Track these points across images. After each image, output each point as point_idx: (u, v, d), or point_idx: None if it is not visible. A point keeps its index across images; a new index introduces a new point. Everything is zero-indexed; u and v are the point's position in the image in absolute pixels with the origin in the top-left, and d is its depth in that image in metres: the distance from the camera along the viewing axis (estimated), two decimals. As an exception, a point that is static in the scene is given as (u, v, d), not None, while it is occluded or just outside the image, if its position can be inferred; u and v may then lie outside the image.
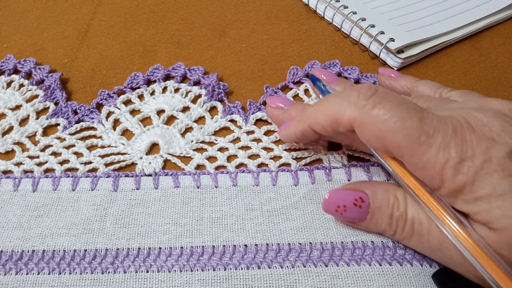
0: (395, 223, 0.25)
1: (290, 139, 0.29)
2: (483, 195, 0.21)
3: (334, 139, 0.31)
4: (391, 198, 0.25)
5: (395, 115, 0.22)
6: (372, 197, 0.25)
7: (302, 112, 0.28)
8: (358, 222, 0.26)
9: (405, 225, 0.24)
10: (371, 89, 0.24)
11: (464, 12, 0.41)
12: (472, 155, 0.21)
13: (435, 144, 0.22)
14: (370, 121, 0.23)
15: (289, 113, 0.30)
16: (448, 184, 0.22)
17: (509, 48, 0.40)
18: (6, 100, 0.34)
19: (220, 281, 0.25)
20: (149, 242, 0.26)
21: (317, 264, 0.25)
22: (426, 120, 0.22)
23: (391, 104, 0.23)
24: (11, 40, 0.40)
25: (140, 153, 0.31)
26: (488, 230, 0.21)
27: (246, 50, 0.40)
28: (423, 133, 0.22)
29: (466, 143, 0.22)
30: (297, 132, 0.28)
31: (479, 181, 0.21)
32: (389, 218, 0.25)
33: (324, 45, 0.40)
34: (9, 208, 0.28)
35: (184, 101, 0.34)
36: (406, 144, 0.22)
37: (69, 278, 0.25)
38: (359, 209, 0.25)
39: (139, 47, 0.40)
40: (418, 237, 0.24)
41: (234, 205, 0.28)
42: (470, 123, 0.23)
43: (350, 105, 0.24)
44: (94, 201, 0.28)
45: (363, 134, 0.24)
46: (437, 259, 0.24)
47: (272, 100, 0.31)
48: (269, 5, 0.44)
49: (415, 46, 0.38)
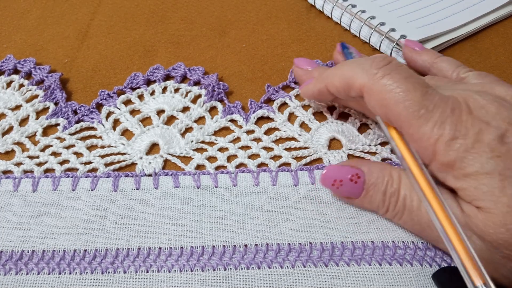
0: (388, 199, 0.26)
1: (308, 96, 0.32)
2: (471, 172, 0.22)
3: (348, 104, 0.33)
4: (385, 175, 0.26)
5: (400, 86, 0.24)
6: (368, 174, 0.26)
7: (322, 72, 0.31)
8: (353, 198, 0.27)
9: (397, 201, 0.25)
10: (385, 60, 0.26)
11: (471, 7, 0.41)
12: (465, 134, 0.23)
13: (432, 119, 0.23)
14: (377, 89, 0.25)
15: (312, 74, 0.33)
16: (440, 158, 0.23)
17: (509, 48, 0.40)
18: (6, 100, 0.34)
19: (220, 281, 0.25)
20: (149, 242, 0.26)
21: (317, 264, 0.25)
22: (428, 96, 0.24)
23: (400, 76, 0.24)
24: (11, 40, 0.40)
25: (140, 153, 0.31)
26: (476, 210, 0.23)
27: (246, 50, 0.40)
28: (423, 107, 0.23)
29: (461, 123, 0.23)
30: (315, 90, 0.30)
31: (469, 159, 0.22)
32: (382, 194, 0.26)
33: (324, 45, 0.40)
34: (9, 208, 0.28)
35: (184, 101, 0.35)
36: (406, 115, 0.24)
37: (69, 278, 0.25)
38: (354, 184, 0.26)
39: (139, 47, 0.40)
40: (409, 213, 0.25)
41: (234, 205, 0.28)
42: (469, 104, 0.24)
43: (363, 72, 0.26)
44: (94, 201, 0.28)
45: (370, 100, 0.26)
46: (426, 238, 0.25)
47: (299, 62, 0.34)
48: (269, 5, 0.44)
49: (423, 43, 0.38)
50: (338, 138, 0.32)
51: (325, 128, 0.33)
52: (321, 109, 0.34)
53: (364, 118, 0.33)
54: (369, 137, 0.32)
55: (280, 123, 0.33)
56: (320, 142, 0.32)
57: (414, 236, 0.26)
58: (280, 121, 0.33)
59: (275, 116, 0.33)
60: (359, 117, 0.33)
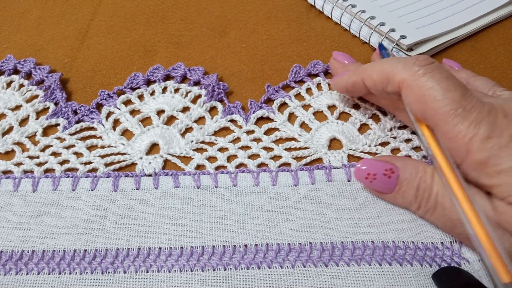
0: (420, 195, 0.26)
1: (340, 87, 0.32)
2: (505, 169, 0.23)
3: (379, 102, 0.33)
4: (419, 171, 0.26)
5: (440, 85, 0.25)
6: (402, 170, 0.27)
7: (359, 66, 0.31)
8: (385, 193, 0.27)
9: (430, 197, 0.26)
10: (428, 59, 0.26)
11: (471, 7, 0.41)
12: (500, 134, 0.23)
13: (469, 119, 0.24)
14: (418, 85, 0.25)
15: (348, 68, 0.33)
16: (473, 156, 0.24)
17: (509, 48, 0.40)
18: (6, 100, 0.34)
19: (220, 281, 0.25)
20: (149, 242, 0.26)
21: (317, 264, 0.25)
22: (467, 97, 0.24)
23: (441, 75, 0.25)
24: (11, 40, 0.40)
25: (140, 153, 0.31)
26: (508, 206, 0.23)
27: (246, 50, 0.40)
28: (461, 106, 0.24)
29: (497, 124, 0.24)
30: (349, 82, 0.30)
31: (502, 156, 0.23)
32: (415, 190, 0.26)
33: (324, 45, 0.40)
34: (9, 208, 0.28)
35: (184, 101, 0.35)
36: (443, 112, 0.24)
37: (69, 278, 0.25)
38: (388, 179, 0.27)
39: (139, 47, 0.40)
40: (441, 209, 0.25)
41: (234, 205, 0.28)
42: (506, 110, 0.24)
43: (404, 67, 0.26)
44: (94, 201, 0.28)
45: (408, 96, 0.26)
46: (457, 235, 0.26)
47: (337, 55, 0.35)
48: (269, 5, 0.44)
49: (423, 44, 0.38)
50: (338, 138, 0.32)
51: (325, 128, 0.33)
52: (322, 108, 0.34)
53: (365, 119, 0.33)
54: (369, 137, 0.32)
55: (280, 123, 0.33)
56: (321, 142, 0.32)
57: (414, 236, 0.26)
58: (280, 121, 0.33)
59: (275, 117, 0.33)
60: (359, 117, 0.33)
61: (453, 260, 0.25)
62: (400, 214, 0.27)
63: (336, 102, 0.34)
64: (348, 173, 0.30)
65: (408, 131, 0.32)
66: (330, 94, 0.35)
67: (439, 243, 0.26)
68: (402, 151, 0.31)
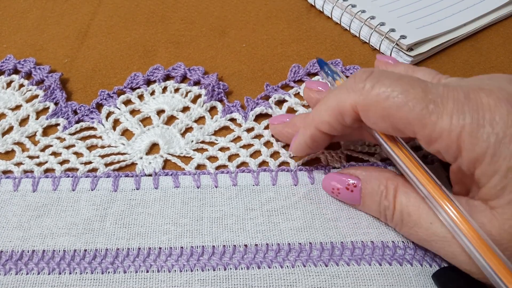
0: (383, 211, 0.25)
1: (303, 150, 0.28)
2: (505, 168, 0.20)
3: (347, 138, 0.31)
4: (381, 186, 0.25)
5: (396, 89, 0.22)
6: (364, 183, 0.26)
7: (305, 118, 0.28)
8: (354, 205, 0.27)
9: (393, 214, 0.25)
10: (366, 71, 0.23)
11: (471, 7, 0.41)
12: (491, 119, 0.20)
13: (446, 111, 0.21)
14: (372, 101, 0.22)
15: (294, 122, 0.29)
16: (467, 153, 0.21)
17: (509, 48, 0.40)
18: (6, 100, 0.34)
19: (220, 281, 0.25)
20: (149, 242, 0.26)
21: (317, 264, 0.25)
22: (430, 89, 0.21)
23: (390, 80, 0.22)
24: (11, 40, 0.40)
25: (140, 153, 0.31)
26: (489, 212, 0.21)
27: (246, 50, 0.40)
28: (430, 102, 0.21)
29: (483, 107, 0.20)
30: (307, 139, 0.27)
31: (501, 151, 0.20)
32: (377, 205, 0.25)
33: (324, 44, 0.40)
34: (9, 208, 0.28)
35: (184, 101, 0.35)
36: (414, 116, 0.21)
37: (69, 278, 0.25)
38: (351, 193, 0.26)
39: (139, 47, 0.40)
40: (407, 228, 0.24)
41: (234, 205, 0.28)
42: (484, 87, 0.21)
43: (349, 92, 0.23)
44: (94, 201, 0.28)
45: (368, 117, 0.23)
46: (430, 249, 0.24)
47: (273, 119, 0.31)
48: (269, 5, 0.44)
49: (423, 44, 0.38)
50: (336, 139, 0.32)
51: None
52: None
53: None
54: (369, 137, 0.32)
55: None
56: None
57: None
58: (279, 116, 0.33)
59: (273, 112, 0.33)
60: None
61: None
62: (400, 214, 0.27)
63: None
64: (348, 173, 0.30)
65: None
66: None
67: (439, 243, 0.26)
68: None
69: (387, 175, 0.26)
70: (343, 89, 0.24)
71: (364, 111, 0.23)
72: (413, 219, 0.24)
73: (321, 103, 0.26)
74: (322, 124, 0.25)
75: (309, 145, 0.27)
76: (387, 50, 0.38)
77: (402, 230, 0.25)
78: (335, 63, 0.37)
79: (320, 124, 0.26)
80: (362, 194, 0.26)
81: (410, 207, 0.24)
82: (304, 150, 0.28)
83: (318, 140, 0.27)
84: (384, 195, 0.25)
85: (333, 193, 0.27)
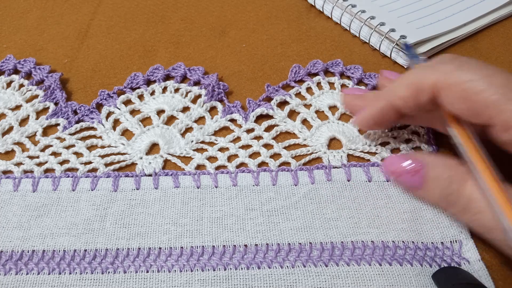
0: (447, 196, 0.25)
1: (368, 123, 0.29)
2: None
3: (414, 121, 0.31)
4: (449, 172, 0.25)
5: (479, 74, 0.22)
6: (430, 167, 0.25)
7: (379, 92, 0.28)
8: (413, 189, 0.27)
9: (458, 201, 0.24)
10: (453, 56, 0.24)
11: (471, 7, 0.41)
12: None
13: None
14: (454, 82, 0.23)
15: (366, 96, 0.29)
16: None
17: (509, 48, 0.40)
18: (6, 100, 0.34)
19: (220, 281, 0.25)
20: (149, 242, 0.26)
21: (317, 264, 0.25)
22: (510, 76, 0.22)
23: (474, 66, 0.23)
24: (11, 40, 0.40)
25: (140, 153, 0.31)
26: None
27: (246, 50, 0.40)
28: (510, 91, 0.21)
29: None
30: (375, 112, 0.27)
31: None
32: (442, 190, 0.25)
33: (324, 44, 0.40)
34: (9, 208, 0.28)
35: (184, 101, 0.34)
36: (494, 101, 0.22)
37: (69, 278, 0.25)
38: (412, 177, 0.26)
39: (139, 47, 0.40)
40: (470, 215, 0.24)
41: (234, 205, 0.28)
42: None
43: (433, 70, 0.24)
44: (94, 201, 0.28)
45: (447, 97, 0.24)
46: (489, 240, 0.24)
47: (348, 90, 0.32)
48: (269, 5, 0.44)
49: (423, 44, 0.38)
50: (338, 138, 0.32)
51: (326, 127, 0.33)
52: (323, 108, 0.34)
53: None
54: (369, 138, 0.32)
55: (280, 120, 0.33)
56: (320, 141, 0.32)
57: (414, 236, 0.26)
58: (280, 117, 0.33)
59: (274, 113, 0.33)
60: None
61: (453, 260, 0.25)
62: (400, 214, 0.27)
63: (337, 103, 0.34)
64: (348, 172, 0.30)
65: (409, 131, 0.32)
66: (331, 94, 0.35)
67: (439, 243, 0.26)
68: (402, 151, 0.31)
69: (453, 162, 0.25)
70: (426, 67, 0.25)
71: (445, 90, 0.24)
72: (479, 205, 0.23)
73: (400, 78, 0.26)
74: (397, 98, 0.26)
75: (375, 119, 0.28)
76: (387, 50, 0.38)
77: (464, 216, 0.25)
78: (335, 63, 0.37)
79: (395, 98, 0.26)
80: (426, 178, 0.25)
81: (477, 194, 0.24)
82: (367, 123, 0.29)
83: (385, 115, 0.27)
84: (453, 181, 0.25)
85: (393, 174, 0.27)
